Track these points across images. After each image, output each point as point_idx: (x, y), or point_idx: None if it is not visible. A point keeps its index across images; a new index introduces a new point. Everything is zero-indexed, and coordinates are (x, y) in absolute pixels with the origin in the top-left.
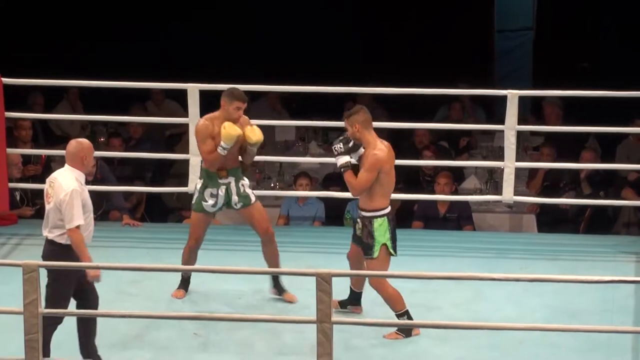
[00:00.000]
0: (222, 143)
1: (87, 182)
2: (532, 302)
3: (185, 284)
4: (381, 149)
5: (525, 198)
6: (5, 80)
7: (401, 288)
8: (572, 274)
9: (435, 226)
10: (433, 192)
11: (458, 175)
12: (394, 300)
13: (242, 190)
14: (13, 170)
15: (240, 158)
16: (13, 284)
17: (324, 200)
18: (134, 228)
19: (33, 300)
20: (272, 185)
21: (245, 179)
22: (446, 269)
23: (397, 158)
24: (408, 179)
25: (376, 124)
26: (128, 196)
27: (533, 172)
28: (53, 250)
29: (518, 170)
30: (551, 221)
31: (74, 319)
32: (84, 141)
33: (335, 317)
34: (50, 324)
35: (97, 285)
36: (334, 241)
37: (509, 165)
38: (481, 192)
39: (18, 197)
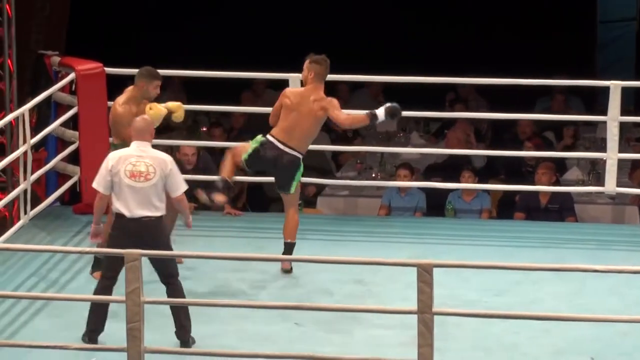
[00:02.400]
0: None
1: (189, 172)
2: (636, 294)
3: None
4: None
5: (628, 189)
6: (108, 69)
7: (503, 279)
8: None
9: (537, 217)
10: (535, 183)
11: (560, 167)
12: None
13: None
14: None
15: None
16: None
17: (425, 190)
18: (235, 217)
19: (135, 288)
20: (373, 175)
21: None
22: (548, 260)
23: (498, 149)
24: (510, 170)
25: (477, 115)
26: (229, 186)
27: (636, 163)
28: (160, 225)
29: (621, 162)
30: None
31: None
32: (147, 117)
33: (437, 308)
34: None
35: (197, 276)
36: (435, 232)
37: (612, 156)
38: (583, 184)
39: None
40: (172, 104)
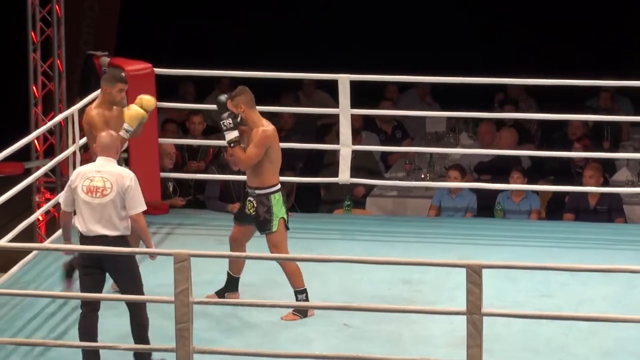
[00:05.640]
0: (125, 125)
1: (235, 172)
2: None
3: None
4: (268, 125)
5: None
6: (158, 70)
7: (552, 280)
8: None
9: (585, 218)
10: (583, 184)
11: (610, 168)
12: (295, 276)
13: None
14: (165, 161)
15: None
16: (162, 273)
17: (476, 191)
18: None
19: (184, 289)
20: (423, 176)
21: None
22: (597, 261)
23: (548, 149)
24: (559, 171)
25: (526, 115)
26: None
27: None
28: (121, 245)
29: None
30: None
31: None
32: (113, 132)
33: (485, 309)
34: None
35: (243, 277)
36: (483, 232)
37: None
38: (633, 184)
39: (171, 188)
40: (147, 100)
